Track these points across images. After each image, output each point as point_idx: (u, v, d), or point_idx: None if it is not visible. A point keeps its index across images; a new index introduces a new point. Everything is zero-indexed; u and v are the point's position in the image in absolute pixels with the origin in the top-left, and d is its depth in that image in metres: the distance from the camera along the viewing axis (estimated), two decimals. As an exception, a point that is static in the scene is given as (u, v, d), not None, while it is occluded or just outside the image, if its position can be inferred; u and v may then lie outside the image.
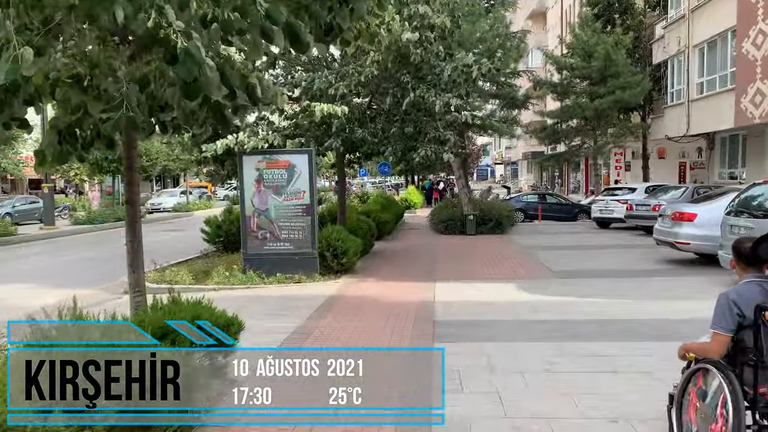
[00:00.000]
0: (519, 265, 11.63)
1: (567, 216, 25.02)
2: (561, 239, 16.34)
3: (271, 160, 10.56)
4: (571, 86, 24.10)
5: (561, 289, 9.04)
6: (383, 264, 12.23)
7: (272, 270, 10.43)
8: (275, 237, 10.62)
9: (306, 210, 10.55)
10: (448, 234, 18.13)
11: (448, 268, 11.32)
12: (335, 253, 10.59)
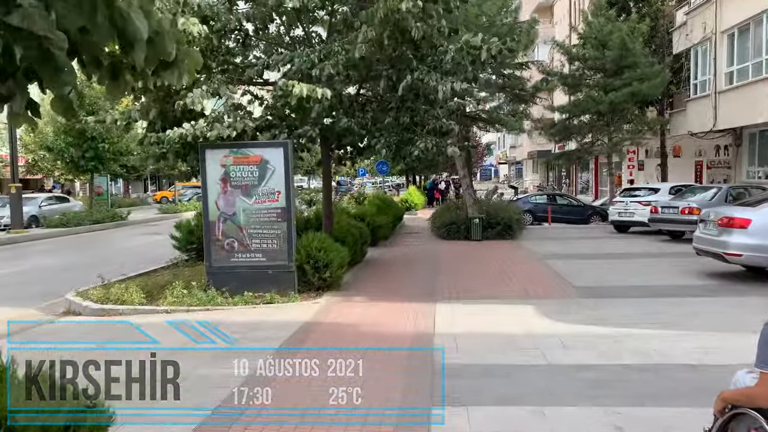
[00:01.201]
0: (535, 279, 9.87)
1: (579, 218, 23.30)
2: (578, 246, 14.57)
3: (240, 155, 8.83)
4: (584, 78, 22.30)
5: (590, 313, 7.29)
6: (375, 277, 10.48)
7: (241, 287, 8.73)
8: (244, 247, 8.89)
9: (281, 214, 8.82)
10: (450, 239, 16.38)
11: (451, 283, 9.57)
12: (316, 266, 8.86)
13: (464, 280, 9.88)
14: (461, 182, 17.70)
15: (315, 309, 7.83)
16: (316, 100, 8.11)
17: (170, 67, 2.98)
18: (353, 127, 9.26)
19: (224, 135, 8.20)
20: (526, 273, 10.44)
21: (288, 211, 8.81)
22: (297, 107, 8.73)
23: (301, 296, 8.72)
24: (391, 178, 56.31)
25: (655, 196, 16.60)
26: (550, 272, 10.48)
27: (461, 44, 8.67)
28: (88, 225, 22.58)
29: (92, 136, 21.70)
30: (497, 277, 10.12)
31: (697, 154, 28.51)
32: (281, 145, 8.85)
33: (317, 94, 7.87)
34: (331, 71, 8.44)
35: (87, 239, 19.91)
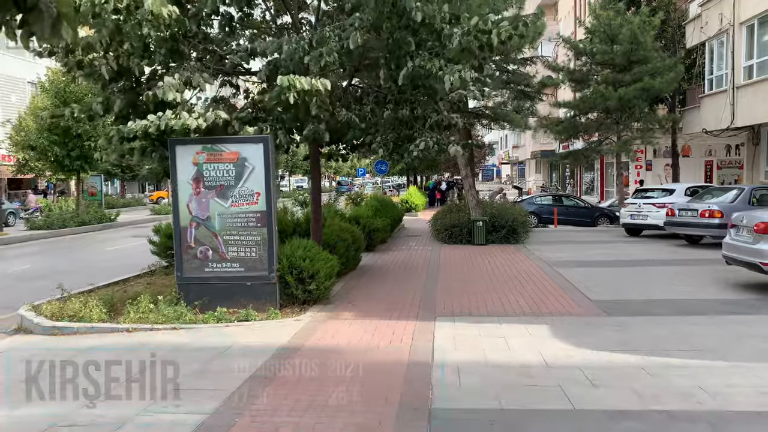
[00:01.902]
0: (546, 290, 8.83)
1: (586, 221, 22.32)
2: (589, 251, 13.52)
3: (214, 152, 7.81)
4: (592, 74, 21.25)
5: (614, 335, 6.25)
6: (369, 287, 9.45)
7: (215, 300, 7.74)
8: (220, 255, 7.87)
9: (261, 219, 7.80)
10: (452, 243, 15.35)
11: (453, 295, 8.54)
12: (300, 277, 7.84)
13: (467, 291, 8.84)
14: (463, 182, 16.66)
15: (296, 328, 6.80)
16: (314, 94, 7.08)
17: (34, 11, 2.03)
18: (354, 119, 8.23)
19: (191, 126, 7.15)
20: (537, 283, 9.40)
21: (268, 215, 7.79)
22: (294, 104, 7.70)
23: (282, 312, 7.70)
24: (391, 178, 55.37)
25: (671, 197, 15.55)
26: (563, 282, 9.44)
27: (469, 27, 7.65)
28: (74, 227, 21.59)
29: (77, 134, 20.69)
30: (504, 288, 9.09)
31: (707, 154, 27.50)
32: (261, 140, 7.82)
33: (318, 87, 6.85)
34: (327, 59, 7.43)
35: (69, 242, 18.91)
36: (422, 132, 8.47)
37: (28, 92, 32.59)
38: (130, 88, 8.25)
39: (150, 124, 7.14)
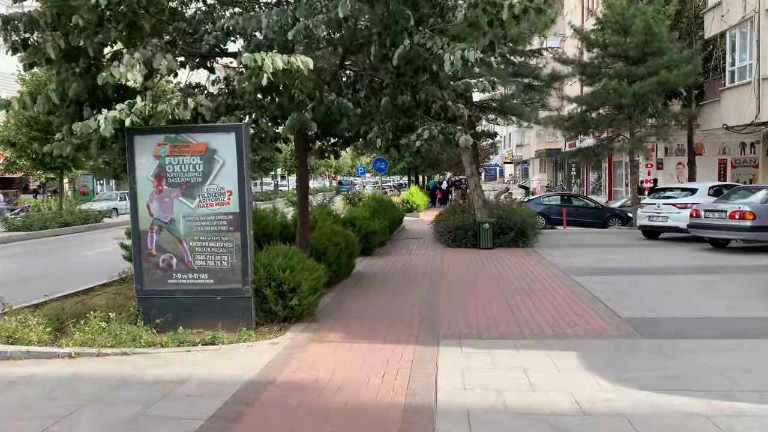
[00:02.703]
0: (567, 304, 7.64)
1: (596, 222, 21.15)
2: (606, 256, 12.33)
3: (179, 143, 6.64)
4: (603, 66, 20.04)
5: (660, 366, 5.07)
6: (362, 299, 8.27)
7: (181, 318, 6.60)
8: (186, 265, 6.70)
9: (233, 222, 6.63)
10: (456, 247, 14.17)
11: (459, 311, 7.36)
12: (280, 291, 6.67)
13: (476, 306, 7.66)
14: (468, 181, 15.47)
15: (270, 355, 5.62)
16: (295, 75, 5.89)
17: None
18: (346, 104, 7.03)
19: (166, 115, 5.98)
20: (554, 295, 8.21)
21: (242, 218, 6.61)
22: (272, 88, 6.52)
23: (258, 332, 6.53)
24: (392, 178, 54.14)
25: (693, 197, 14.34)
26: (584, 294, 8.25)
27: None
28: (56, 228, 20.44)
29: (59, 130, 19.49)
30: (518, 301, 7.90)
31: (720, 152, 26.31)
32: (233, 129, 6.64)
33: (295, 66, 5.66)
34: (314, 32, 6.27)
35: (49, 244, 17.76)
36: (425, 120, 7.29)
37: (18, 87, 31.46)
38: (86, 71, 7.09)
39: (119, 114, 5.95)
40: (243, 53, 6.18)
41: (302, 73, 5.78)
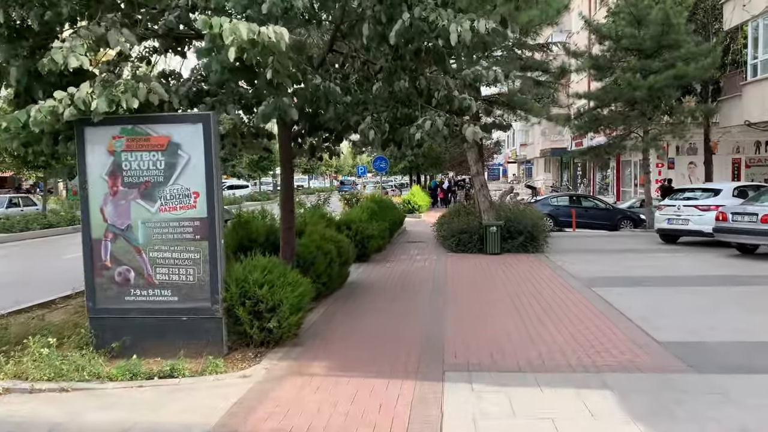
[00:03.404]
0: (592, 323, 6.60)
1: (607, 224, 20.09)
2: (625, 263, 11.27)
3: (137, 135, 5.62)
4: (616, 60, 18.95)
5: (725, 412, 4.04)
6: (355, 316, 7.23)
7: (140, 342, 5.63)
8: (145, 279, 5.69)
9: (200, 229, 5.60)
10: (461, 252, 13.13)
11: (467, 332, 6.32)
12: (256, 310, 5.64)
13: (486, 326, 6.62)
14: (473, 181, 14.43)
15: (238, 393, 4.59)
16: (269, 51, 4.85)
17: None
18: (334, 89, 5.98)
19: (121, 105, 4.95)
20: (575, 312, 7.17)
21: (211, 224, 5.59)
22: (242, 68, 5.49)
23: (228, 359, 5.50)
24: (394, 178, 53.08)
25: (717, 199, 13.29)
26: (609, 311, 7.21)
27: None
28: (39, 230, 19.45)
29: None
30: (535, 319, 6.86)
31: (734, 151, 25.27)
32: (199, 119, 5.61)
33: (266, 39, 4.62)
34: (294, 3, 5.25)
35: (28, 248, 16.76)
36: (426, 110, 6.24)
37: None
38: (31, 53, 6.08)
39: (58, 104, 4.94)
40: (198, 18, 5.13)
41: (278, 49, 4.74)
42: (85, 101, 5.02)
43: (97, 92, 5.09)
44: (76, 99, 5.00)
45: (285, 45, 4.75)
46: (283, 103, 5.51)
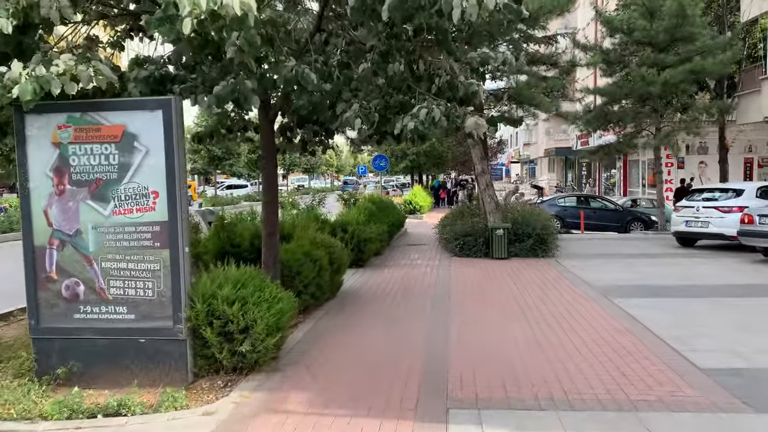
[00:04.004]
0: (621, 346, 5.73)
1: (616, 225, 19.24)
2: (643, 269, 10.40)
3: (87, 125, 4.77)
4: (629, 53, 18.05)
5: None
6: (345, 334, 6.36)
7: (91, 367, 4.82)
8: (97, 294, 4.84)
9: (160, 234, 4.75)
10: (465, 256, 12.27)
11: (475, 356, 5.45)
12: (227, 332, 4.78)
13: (497, 346, 5.75)
14: (477, 180, 13.55)
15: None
16: (232, 23, 3.99)
17: None
18: (308, 75, 5.11)
19: (53, 90, 4.10)
20: (599, 330, 6.29)
21: (173, 229, 4.73)
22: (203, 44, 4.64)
23: (192, 390, 4.65)
24: (395, 177, 52.12)
25: (740, 200, 12.39)
26: (636, 327, 6.33)
27: None
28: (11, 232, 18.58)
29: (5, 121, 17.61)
30: (553, 340, 5.99)
31: (746, 150, 24.38)
32: (158, 105, 4.75)
33: (230, 10, 3.76)
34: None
35: (7, 251, 15.92)
36: (424, 98, 5.37)
37: None
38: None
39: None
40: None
41: (246, 24, 3.89)
42: (18, 83, 4.17)
43: (37, 73, 4.24)
44: (5, 80, 4.15)
45: (254, 19, 3.89)
46: (244, 86, 4.63)
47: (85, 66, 4.38)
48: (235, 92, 4.69)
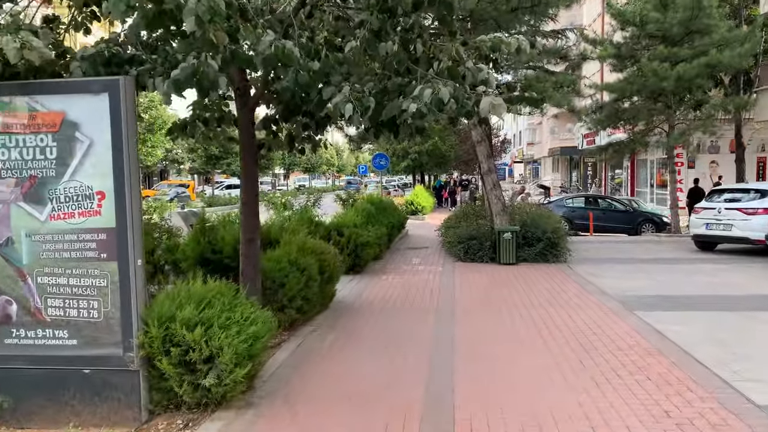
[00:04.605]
0: (653, 372, 4.90)
1: (627, 227, 18.42)
2: (664, 276, 9.56)
3: (17, 110, 3.96)
4: (641, 48, 17.19)
5: None
6: (333, 359, 5.53)
7: (25, 401, 3.97)
8: (33, 315, 4.03)
9: (106, 244, 3.93)
10: (470, 261, 11.43)
11: (486, 394, 4.62)
12: (188, 361, 3.95)
13: (511, 381, 4.92)
14: (483, 180, 12.71)
15: None
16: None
17: None
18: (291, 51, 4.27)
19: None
20: (628, 353, 5.45)
21: (122, 237, 3.91)
22: (154, 13, 3.81)
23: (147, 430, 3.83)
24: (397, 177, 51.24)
25: (766, 200, 11.54)
26: (671, 349, 5.49)
27: None
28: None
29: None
30: (575, 366, 5.15)
31: (759, 149, 23.54)
32: (105, 86, 3.93)
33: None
34: None
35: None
36: (428, 79, 4.54)
37: None
38: None
39: None
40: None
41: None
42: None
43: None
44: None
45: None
46: (208, 67, 3.81)
47: (13, 37, 3.57)
48: (198, 74, 3.87)
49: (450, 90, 4.36)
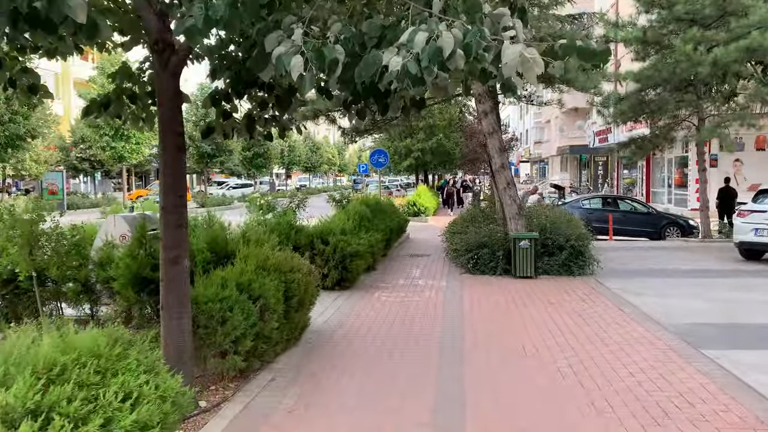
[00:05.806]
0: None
1: (650, 231, 16.72)
2: (714, 292, 7.85)
3: None
4: (669, 32, 15.44)
5: None
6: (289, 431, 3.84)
7: None
8: None
9: None
10: (479, 273, 9.71)
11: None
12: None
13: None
14: (495, 177, 10.96)
15: None
16: None
17: None
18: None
19: None
20: (713, 422, 3.75)
21: None
22: None
23: None
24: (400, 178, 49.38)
25: (828, 203, 9.80)
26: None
27: None
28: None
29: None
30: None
31: (791, 146, 21.93)
32: None
33: None
34: None
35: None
36: (423, 17, 2.85)
37: None
38: None
39: None
40: None
41: None
42: None
43: None
44: None
45: None
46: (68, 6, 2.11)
47: None
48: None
49: (457, 34, 2.64)
